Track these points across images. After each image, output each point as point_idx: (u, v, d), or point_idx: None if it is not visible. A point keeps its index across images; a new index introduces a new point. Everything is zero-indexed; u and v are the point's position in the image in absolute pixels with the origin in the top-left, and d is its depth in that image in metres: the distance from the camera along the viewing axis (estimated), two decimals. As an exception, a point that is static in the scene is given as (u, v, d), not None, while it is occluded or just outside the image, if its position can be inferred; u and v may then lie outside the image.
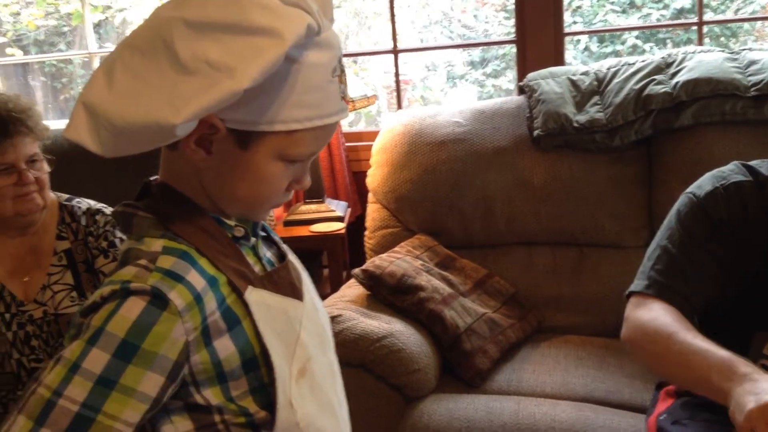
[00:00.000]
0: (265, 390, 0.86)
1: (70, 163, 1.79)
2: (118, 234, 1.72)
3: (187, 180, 0.87)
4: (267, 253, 0.98)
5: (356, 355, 1.75)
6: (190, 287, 0.80)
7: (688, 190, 1.37)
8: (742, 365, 1.05)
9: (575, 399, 1.76)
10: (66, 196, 1.76)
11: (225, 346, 0.83)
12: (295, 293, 0.94)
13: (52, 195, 1.71)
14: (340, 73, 0.85)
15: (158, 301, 0.78)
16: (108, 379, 0.76)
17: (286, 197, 0.91)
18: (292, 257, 1.02)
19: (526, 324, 2.07)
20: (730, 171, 1.34)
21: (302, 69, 0.80)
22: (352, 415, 1.82)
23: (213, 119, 0.79)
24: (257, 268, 0.92)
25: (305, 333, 0.92)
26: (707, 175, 1.37)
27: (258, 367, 0.86)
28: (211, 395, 0.84)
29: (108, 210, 1.76)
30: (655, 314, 1.23)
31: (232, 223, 0.91)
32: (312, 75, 0.81)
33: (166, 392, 0.81)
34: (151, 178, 0.92)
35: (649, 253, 1.36)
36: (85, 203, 1.75)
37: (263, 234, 1.01)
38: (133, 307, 0.78)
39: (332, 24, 0.85)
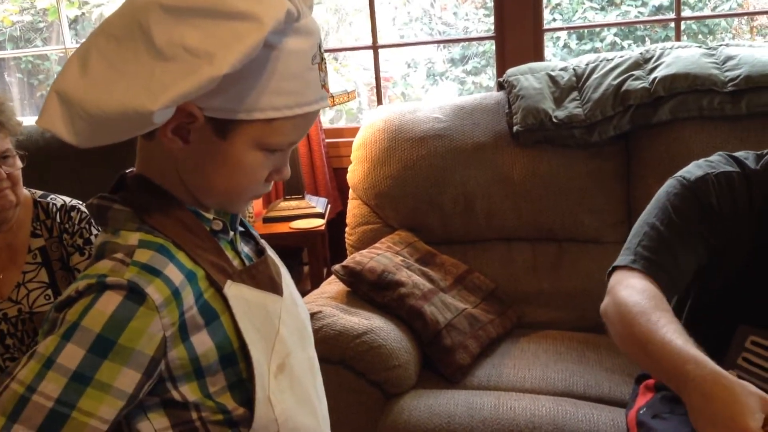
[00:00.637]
0: (243, 386, 0.86)
1: (45, 159, 1.77)
2: (94, 231, 1.70)
3: (165, 171, 0.85)
4: (245, 248, 0.97)
5: (336, 352, 1.74)
6: (167, 282, 0.79)
7: (677, 174, 1.34)
8: (694, 366, 0.99)
9: (555, 394, 1.77)
10: (40, 192, 1.73)
11: (202, 341, 0.82)
12: (275, 288, 0.93)
13: (25, 191, 1.69)
14: (320, 61, 0.83)
15: (135, 295, 0.77)
16: (83, 375, 0.75)
17: (266, 188, 0.90)
18: (270, 252, 1.01)
19: (506, 319, 2.08)
20: (718, 161, 1.34)
21: (281, 56, 0.78)
22: (332, 411, 1.81)
23: (191, 107, 0.77)
24: (236, 263, 0.91)
25: (284, 328, 0.92)
26: (694, 163, 1.35)
27: (236, 362, 0.85)
28: (188, 391, 0.83)
29: (84, 206, 1.74)
30: (630, 291, 1.18)
31: (210, 216, 0.89)
32: (291, 62, 0.79)
33: (142, 388, 0.79)
34: (127, 171, 0.90)
35: (634, 231, 1.32)
36: (60, 200, 1.73)
37: (241, 229, 0.99)
38: (110, 302, 0.76)
39: (311, 11, 0.84)
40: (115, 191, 0.89)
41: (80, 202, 1.75)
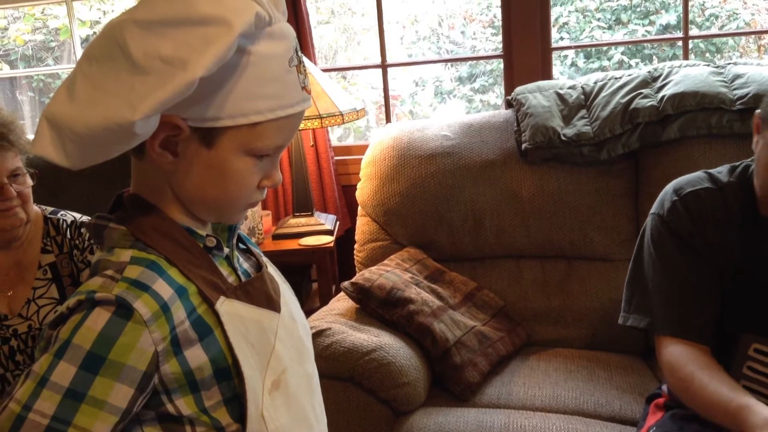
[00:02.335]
0: (238, 401, 0.86)
1: (55, 176, 1.78)
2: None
3: (158, 189, 0.87)
4: (244, 265, 0.98)
5: (345, 369, 1.74)
6: (156, 296, 0.80)
7: (653, 210, 1.43)
8: (753, 415, 1.12)
9: (565, 412, 1.76)
10: (51, 209, 1.74)
11: (196, 356, 0.83)
12: (271, 304, 0.93)
13: (36, 208, 1.70)
14: (297, 63, 0.85)
15: (123, 311, 0.78)
16: (76, 392, 0.76)
17: (260, 195, 0.90)
18: (271, 269, 1.01)
19: (516, 337, 2.07)
20: (687, 182, 1.40)
21: (257, 60, 0.80)
22: (341, 429, 1.80)
23: (175, 119, 0.79)
24: (231, 279, 0.91)
25: (281, 344, 0.92)
26: (667, 188, 1.43)
27: (230, 378, 0.85)
28: (184, 405, 0.84)
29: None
30: (675, 359, 1.32)
31: (203, 233, 0.90)
32: (268, 66, 0.81)
33: (136, 403, 0.80)
34: (124, 190, 0.92)
35: (647, 286, 1.42)
36: (70, 216, 1.73)
37: (243, 247, 1.00)
38: (99, 318, 0.78)
39: (285, 16, 0.86)
40: (112, 211, 0.90)
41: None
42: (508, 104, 2.42)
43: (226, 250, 0.93)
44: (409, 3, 5.27)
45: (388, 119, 2.87)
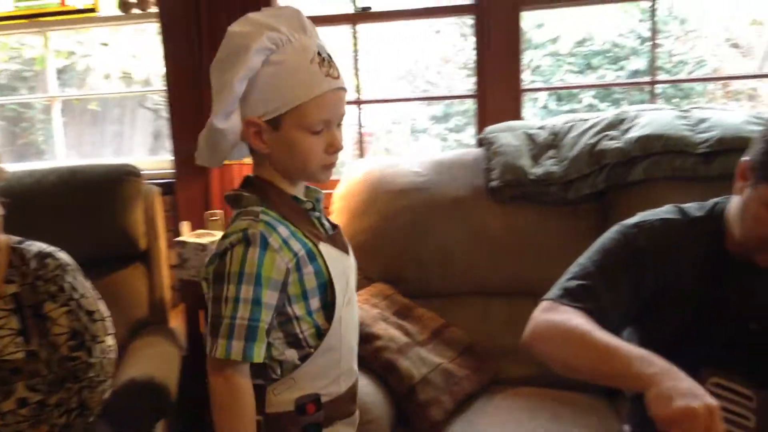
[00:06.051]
0: (328, 308, 1.24)
1: (24, 206, 1.76)
2: (68, 278, 1.68)
3: (266, 169, 1.27)
4: (325, 225, 1.34)
5: (309, 405, 1.71)
6: (279, 235, 1.20)
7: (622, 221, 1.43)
8: (660, 359, 1.11)
9: (530, 451, 1.75)
10: (17, 238, 1.72)
11: (309, 271, 1.22)
12: (347, 252, 1.34)
13: (3, 237, 1.67)
14: (320, 61, 1.19)
15: (264, 242, 1.17)
16: (258, 299, 1.17)
17: (330, 158, 1.25)
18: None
19: (482, 375, 2.06)
20: (662, 210, 1.42)
21: (285, 63, 1.18)
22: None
23: (252, 119, 1.21)
24: (321, 231, 1.29)
25: (352, 278, 1.33)
26: (642, 213, 1.44)
27: (326, 289, 1.24)
28: (297, 309, 1.22)
29: (60, 254, 1.71)
30: (568, 316, 1.27)
31: (304, 200, 1.29)
32: (293, 67, 1.18)
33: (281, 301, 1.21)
34: (248, 174, 1.31)
35: (568, 270, 1.41)
36: (36, 246, 1.71)
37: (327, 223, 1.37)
38: (254, 253, 1.17)
39: (310, 34, 1.23)
40: (241, 188, 1.30)
41: (57, 249, 1.72)
42: (479, 143, 2.45)
43: (317, 213, 1.31)
44: (385, 43, 5.34)
45: (362, 155, 2.88)
